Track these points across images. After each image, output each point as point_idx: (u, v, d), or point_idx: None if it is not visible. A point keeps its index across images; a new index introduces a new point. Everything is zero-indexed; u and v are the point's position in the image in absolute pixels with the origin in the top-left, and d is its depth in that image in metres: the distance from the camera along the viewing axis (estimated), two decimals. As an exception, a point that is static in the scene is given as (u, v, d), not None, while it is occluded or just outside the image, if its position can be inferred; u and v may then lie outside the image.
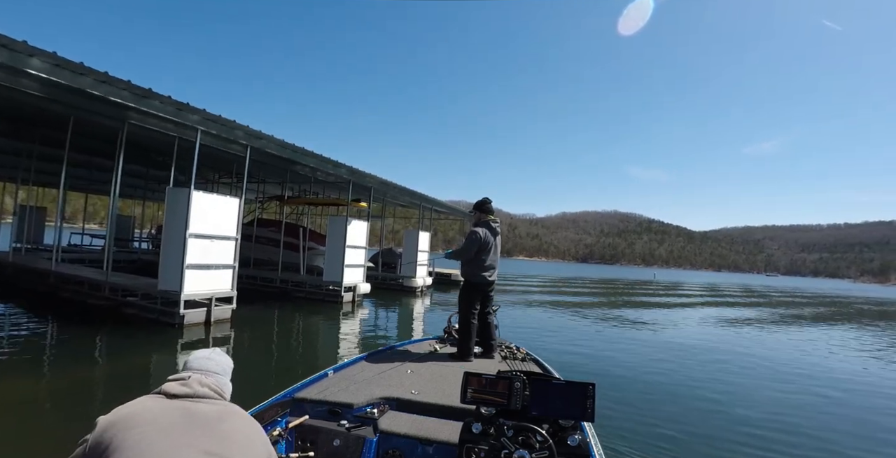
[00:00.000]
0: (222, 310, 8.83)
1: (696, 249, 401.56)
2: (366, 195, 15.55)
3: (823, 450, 4.59)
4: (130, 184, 18.17)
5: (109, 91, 6.73)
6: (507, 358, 4.15)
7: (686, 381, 6.98)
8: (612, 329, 12.19)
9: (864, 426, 5.46)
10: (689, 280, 66.61)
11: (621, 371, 7.29)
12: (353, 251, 13.19)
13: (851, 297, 44.40)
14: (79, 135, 9.98)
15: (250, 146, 9.50)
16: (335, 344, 8.41)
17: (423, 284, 17.67)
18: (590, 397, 2.08)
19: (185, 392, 1.42)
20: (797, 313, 21.27)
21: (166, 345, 7.18)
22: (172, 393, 1.41)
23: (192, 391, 1.42)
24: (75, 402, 4.55)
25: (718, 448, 4.36)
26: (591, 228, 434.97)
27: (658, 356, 8.73)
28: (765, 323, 16.15)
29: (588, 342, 9.85)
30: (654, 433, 4.55)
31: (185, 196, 8.08)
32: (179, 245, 8.02)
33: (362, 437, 2.41)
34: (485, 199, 4.79)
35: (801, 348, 11.16)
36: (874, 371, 8.90)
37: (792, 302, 29.91)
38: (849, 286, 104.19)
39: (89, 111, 7.84)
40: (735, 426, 5.06)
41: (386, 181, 14.44)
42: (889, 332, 16.20)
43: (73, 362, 5.81)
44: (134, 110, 7.40)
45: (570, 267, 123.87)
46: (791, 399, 6.40)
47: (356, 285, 13.20)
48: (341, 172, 12.64)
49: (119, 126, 8.56)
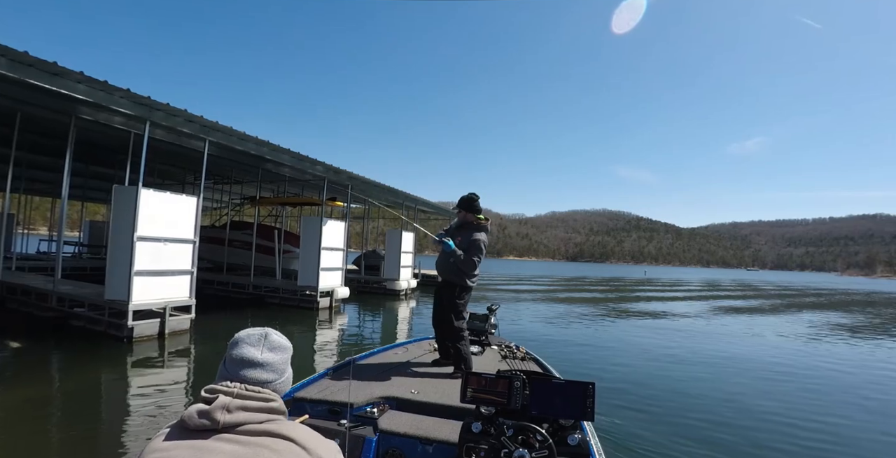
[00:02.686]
0: (179, 320, 8.00)
1: (684, 245, 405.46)
2: (345, 195, 14.76)
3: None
4: (98, 187, 17.24)
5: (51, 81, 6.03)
6: (507, 357, 4.10)
7: (689, 379, 6.89)
8: (613, 328, 11.88)
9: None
10: (683, 277, 66.66)
11: (622, 369, 7.19)
12: (330, 253, 12.40)
13: (854, 291, 44.35)
14: (27, 132, 9.21)
15: (208, 140, 8.70)
16: (308, 356, 7.60)
17: (407, 286, 16.94)
18: (590, 396, 2.07)
19: (202, 425, 1.02)
20: (793, 304, 20.90)
21: (114, 362, 6.37)
22: (191, 426, 1.03)
23: (211, 423, 1.02)
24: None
25: (719, 447, 4.31)
26: (581, 226, 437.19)
27: (660, 354, 8.63)
28: (770, 316, 15.71)
29: (589, 341, 9.65)
30: (655, 433, 4.49)
31: (131, 195, 7.27)
32: (126, 249, 7.21)
33: (362, 436, 2.39)
34: (472, 195, 4.05)
35: (802, 348, 10.61)
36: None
37: (792, 300, 29.53)
38: (836, 279, 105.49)
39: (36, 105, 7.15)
40: (738, 424, 4.97)
41: (365, 179, 13.66)
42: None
43: (13, 381, 5.12)
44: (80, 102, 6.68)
45: (561, 266, 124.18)
46: (791, 397, 6.27)
47: (334, 289, 12.40)
48: (318, 171, 11.86)
49: (68, 121, 7.82)
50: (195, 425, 1.03)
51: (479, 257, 3.83)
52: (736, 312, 18.13)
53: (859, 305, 25.25)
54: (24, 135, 9.74)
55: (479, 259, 3.83)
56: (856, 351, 10.35)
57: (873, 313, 20.29)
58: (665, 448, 4.15)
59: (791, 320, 16.19)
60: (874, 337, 12.67)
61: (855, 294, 37.43)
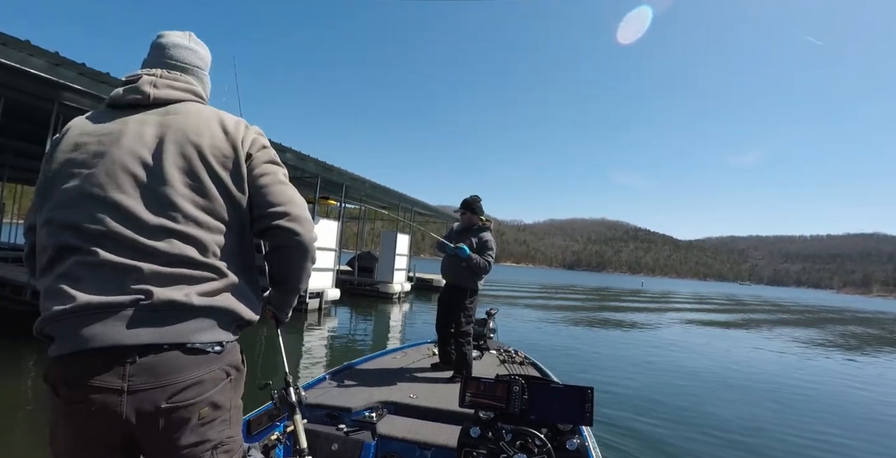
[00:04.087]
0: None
1: (681, 257, 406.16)
2: (340, 193, 14.43)
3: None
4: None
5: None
6: (506, 362, 4.09)
7: (688, 387, 6.95)
8: (614, 334, 11.91)
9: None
10: (675, 289, 66.32)
11: (622, 375, 7.21)
12: (321, 254, 12.03)
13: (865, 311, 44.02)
14: (11, 118, 8.83)
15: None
16: (294, 362, 7.22)
17: (401, 289, 16.56)
18: (588, 401, 2.07)
19: (133, 101, 1.07)
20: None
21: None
22: (122, 103, 1.08)
23: (141, 98, 1.06)
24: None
25: (716, 451, 4.36)
26: (579, 235, 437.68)
27: (660, 363, 8.65)
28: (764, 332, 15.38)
29: (590, 348, 9.66)
30: (653, 438, 4.50)
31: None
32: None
33: (360, 441, 2.39)
34: (475, 197, 4.10)
35: (797, 365, 10.28)
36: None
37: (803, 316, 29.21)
38: (832, 297, 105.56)
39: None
40: (734, 430, 5.03)
41: (359, 177, 13.34)
42: None
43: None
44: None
45: (558, 274, 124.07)
46: (793, 403, 6.48)
47: (324, 290, 12.04)
48: (308, 167, 11.51)
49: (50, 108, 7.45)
50: (126, 101, 1.05)
51: (492, 258, 3.83)
52: (726, 325, 17.93)
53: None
54: (8, 121, 9.38)
55: (493, 260, 3.83)
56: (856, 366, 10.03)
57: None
58: (666, 454, 4.14)
59: (799, 336, 15.89)
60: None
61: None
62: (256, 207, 1.09)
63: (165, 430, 0.93)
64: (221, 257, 1.03)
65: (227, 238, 1.05)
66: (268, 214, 1.09)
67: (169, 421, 0.92)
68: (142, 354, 0.90)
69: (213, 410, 0.98)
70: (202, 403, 0.96)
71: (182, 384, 0.92)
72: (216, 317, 0.99)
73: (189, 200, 0.99)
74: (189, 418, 0.94)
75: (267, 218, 1.09)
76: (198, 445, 0.96)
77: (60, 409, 0.93)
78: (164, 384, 0.91)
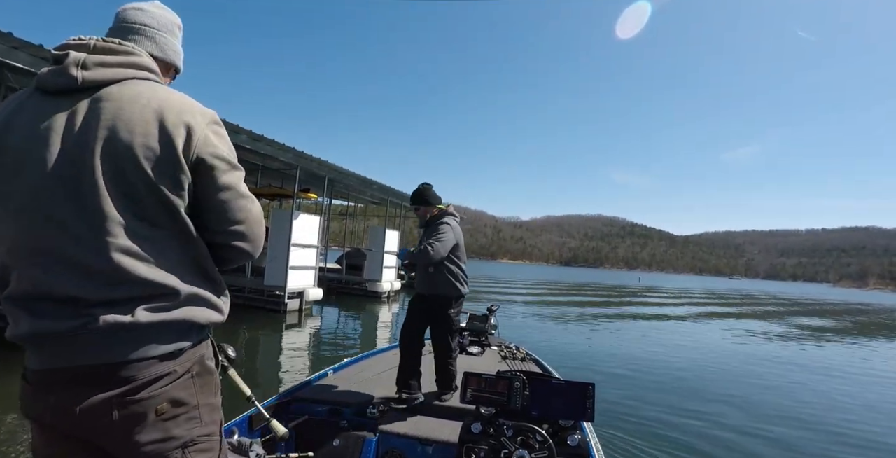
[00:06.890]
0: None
1: (678, 252, 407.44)
2: (323, 187, 13.64)
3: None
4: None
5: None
6: (507, 358, 4.09)
7: (690, 382, 6.92)
8: (614, 331, 11.71)
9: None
10: (687, 286, 66.01)
11: (622, 371, 7.20)
12: (301, 251, 11.26)
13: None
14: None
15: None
16: (272, 369, 6.44)
17: (390, 288, 15.84)
18: (589, 397, 2.06)
19: (65, 85, 0.91)
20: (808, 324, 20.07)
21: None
22: (51, 89, 0.93)
23: (69, 82, 0.91)
24: None
25: (719, 446, 4.31)
26: (575, 231, 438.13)
27: (663, 357, 8.68)
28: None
29: (589, 343, 9.65)
30: (654, 433, 4.45)
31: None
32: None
33: (362, 437, 2.37)
34: (424, 185, 3.33)
35: (793, 360, 9.70)
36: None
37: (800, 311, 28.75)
38: (829, 291, 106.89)
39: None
40: (736, 425, 4.97)
41: (344, 170, 12.55)
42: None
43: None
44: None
45: (555, 271, 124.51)
46: (794, 396, 6.50)
47: (305, 290, 11.27)
48: (287, 158, 10.73)
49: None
50: (54, 86, 0.91)
51: (439, 242, 3.03)
52: (722, 317, 17.62)
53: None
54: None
55: (439, 243, 3.02)
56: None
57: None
58: (666, 450, 4.09)
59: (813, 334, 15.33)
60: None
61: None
62: (212, 221, 1.00)
63: (120, 428, 0.89)
64: (169, 270, 0.94)
65: (173, 248, 0.96)
66: (224, 231, 1.01)
67: (122, 418, 0.88)
68: (89, 374, 0.87)
69: (172, 406, 0.92)
70: (157, 398, 0.90)
71: (134, 384, 0.88)
72: (169, 329, 0.93)
73: (129, 212, 0.89)
74: (144, 413, 0.89)
75: (222, 235, 1.02)
76: (164, 441, 0.91)
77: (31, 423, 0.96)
78: (110, 393, 0.87)
